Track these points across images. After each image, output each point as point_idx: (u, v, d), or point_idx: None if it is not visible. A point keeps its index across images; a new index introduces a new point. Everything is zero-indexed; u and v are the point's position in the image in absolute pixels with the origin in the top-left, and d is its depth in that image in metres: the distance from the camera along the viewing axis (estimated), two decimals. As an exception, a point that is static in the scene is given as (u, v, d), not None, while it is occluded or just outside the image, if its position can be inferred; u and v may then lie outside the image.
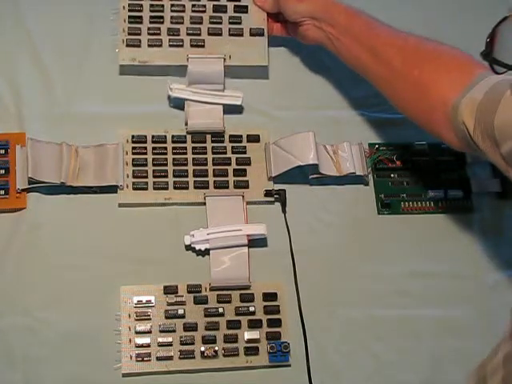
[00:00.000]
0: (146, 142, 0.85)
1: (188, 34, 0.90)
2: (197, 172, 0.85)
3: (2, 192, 0.80)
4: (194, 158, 0.85)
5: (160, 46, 0.89)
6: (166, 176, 0.84)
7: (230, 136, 0.87)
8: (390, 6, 0.98)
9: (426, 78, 0.77)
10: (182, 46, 0.89)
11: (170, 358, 0.77)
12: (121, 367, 0.76)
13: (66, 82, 0.88)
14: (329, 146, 0.88)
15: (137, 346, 0.76)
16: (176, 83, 0.87)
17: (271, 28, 0.92)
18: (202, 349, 0.77)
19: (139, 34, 0.89)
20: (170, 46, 0.89)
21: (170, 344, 0.77)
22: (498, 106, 0.68)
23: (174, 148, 0.85)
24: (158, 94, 0.88)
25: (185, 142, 0.86)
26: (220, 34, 0.91)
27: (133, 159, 0.84)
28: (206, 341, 0.77)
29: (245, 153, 0.87)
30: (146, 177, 0.83)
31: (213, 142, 0.87)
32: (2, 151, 0.82)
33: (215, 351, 0.77)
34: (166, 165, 0.85)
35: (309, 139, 0.85)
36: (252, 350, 0.78)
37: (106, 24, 0.90)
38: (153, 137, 0.86)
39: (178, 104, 0.88)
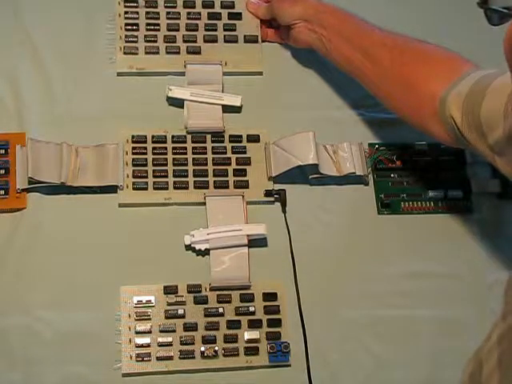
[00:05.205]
0: (146, 142, 0.85)
1: (184, 41, 0.91)
2: (197, 172, 0.85)
3: (2, 192, 0.80)
4: (194, 158, 0.85)
5: (157, 53, 0.90)
6: (166, 176, 0.84)
7: (230, 136, 0.87)
8: (390, 7, 0.98)
9: (414, 76, 0.79)
10: (178, 52, 0.90)
11: (169, 357, 0.76)
12: (121, 367, 0.76)
13: (66, 82, 0.88)
14: (329, 146, 0.88)
15: (137, 346, 0.76)
16: (175, 84, 0.88)
17: (265, 34, 0.94)
18: (202, 349, 0.77)
19: (136, 42, 0.90)
20: (167, 52, 0.90)
21: (169, 344, 0.77)
22: (484, 97, 0.69)
23: (174, 148, 0.85)
24: (158, 94, 0.88)
25: (185, 142, 0.86)
26: (215, 41, 0.92)
27: (133, 159, 0.84)
28: (206, 341, 0.77)
29: (245, 153, 0.87)
30: (146, 177, 0.83)
31: (213, 142, 0.87)
32: (2, 151, 0.82)
33: (215, 351, 0.77)
34: (166, 165, 0.85)
35: (309, 139, 0.85)
36: (252, 350, 0.78)
37: (106, 24, 0.90)
38: (153, 137, 0.86)
39: (178, 104, 0.88)
